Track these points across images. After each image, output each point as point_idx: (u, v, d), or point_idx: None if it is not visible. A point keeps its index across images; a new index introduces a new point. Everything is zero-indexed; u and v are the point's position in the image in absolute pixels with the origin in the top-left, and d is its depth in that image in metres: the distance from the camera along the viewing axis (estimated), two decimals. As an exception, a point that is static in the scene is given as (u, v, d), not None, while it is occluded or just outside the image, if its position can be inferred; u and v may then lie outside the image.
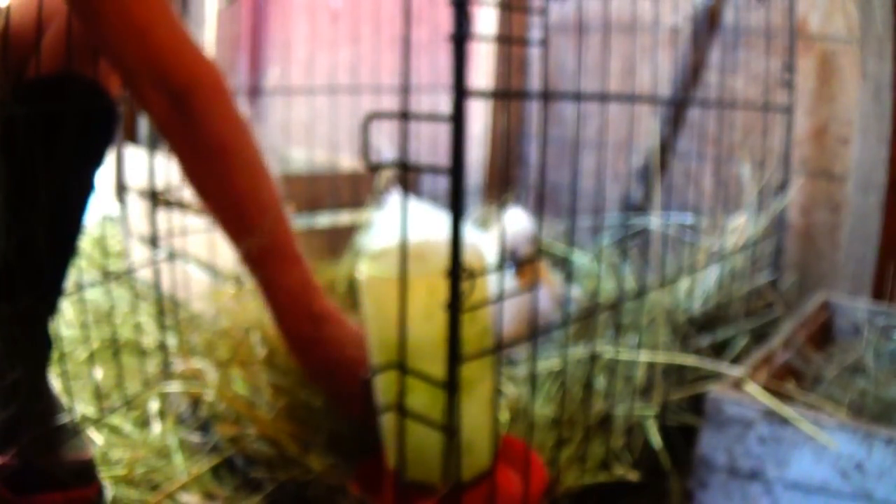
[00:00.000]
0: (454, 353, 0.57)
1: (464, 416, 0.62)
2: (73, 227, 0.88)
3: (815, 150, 1.38)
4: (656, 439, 0.89)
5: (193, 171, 0.82)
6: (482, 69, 1.88)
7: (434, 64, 1.97)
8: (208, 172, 0.81)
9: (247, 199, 0.81)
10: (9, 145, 0.78)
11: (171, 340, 1.19)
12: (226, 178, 0.80)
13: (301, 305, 0.83)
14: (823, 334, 1.10)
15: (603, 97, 0.77)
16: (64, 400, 0.89)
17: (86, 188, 0.88)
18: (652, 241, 1.26)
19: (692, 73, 1.48)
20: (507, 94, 0.79)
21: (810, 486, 0.72)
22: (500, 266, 0.67)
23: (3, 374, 0.81)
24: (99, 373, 1.14)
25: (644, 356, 0.96)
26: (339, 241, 1.50)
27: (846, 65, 1.32)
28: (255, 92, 2.47)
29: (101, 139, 0.88)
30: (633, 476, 0.86)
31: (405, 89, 0.58)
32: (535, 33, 1.78)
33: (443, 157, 0.56)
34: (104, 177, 2.15)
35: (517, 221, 1.13)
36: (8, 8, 0.82)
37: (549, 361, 1.02)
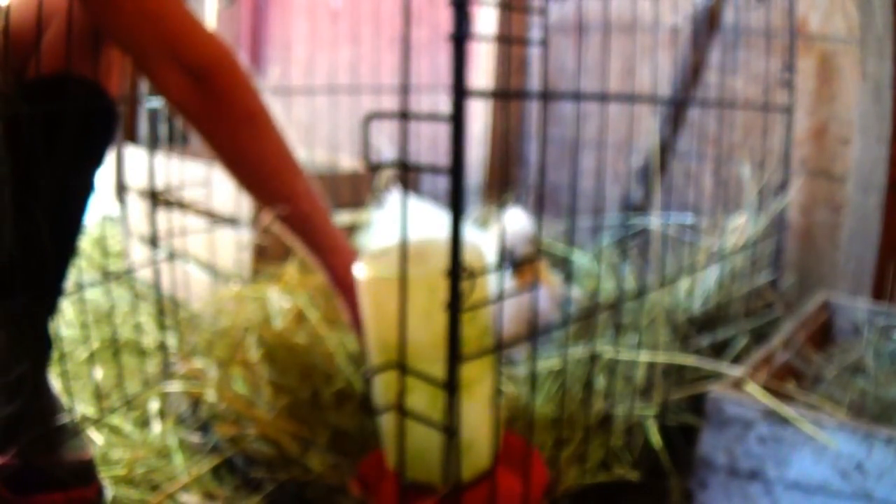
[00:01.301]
0: (454, 353, 0.57)
1: (464, 416, 0.62)
2: (73, 226, 0.88)
3: (815, 150, 1.38)
4: (656, 439, 0.89)
5: (223, 143, 0.86)
6: (482, 69, 1.88)
7: (434, 64, 1.97)
8: (238, 141, 0.85)
9: (279, 159, 0.87)
10: (9, 145, 0.78)
11: (171, 340, 1.19)
12: (257, 143, 0.85)
13: (347, 243, 0.90)
14: (823, 334, 1.10)
15: (603, 97, 0.77)
16: (64, 400, 0.89)
17: (86, 188, 0.88)
18: (652, 241, 1.26)
19: (692, 73, 1.48)
20: (507, 94, 0.79)
21: (810, 486, 0.72)
22: (500, 266, 0.67)
23: (4, 373, 0.81)
24: (99, 373, 1.14)
25: (644, 356, 0.96)
26: (339, 241, 1.50)
27: (846, 65, 1.32)
28: (255, 92, 2.46)
29: (101, 139, 0.88)
30: (632, 476, 0.86)
31: (405, 89, 0.58)
32: (535, 33, 1.78)
33: (443, 157, 0.56)
34: (104, 177, 2.15)
35: (517, 222, 1.13)
36: (8, 7, 0.82)
37: (549, 361, 1.02)
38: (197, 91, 0.81)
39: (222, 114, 0.83)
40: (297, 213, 0.88)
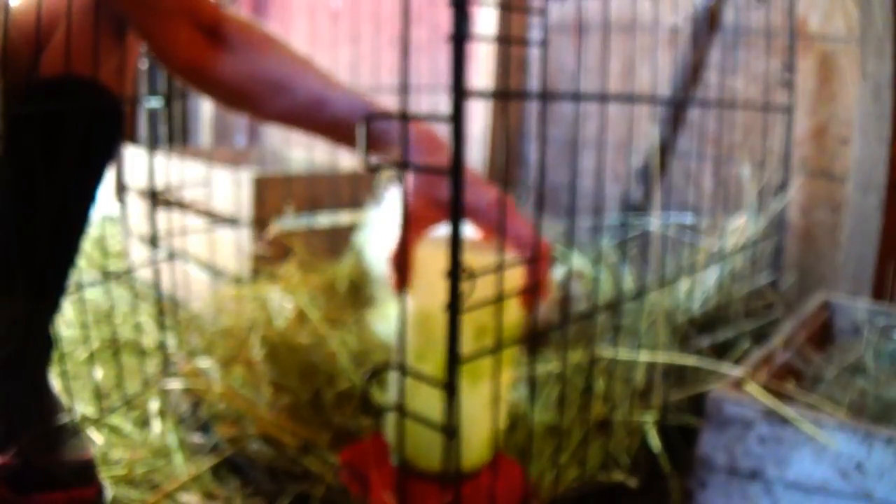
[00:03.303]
0: (453, 354, 0.57)
1: (477, 399, 0.62)
2: (77, 226, 0.88)
3: (815, 150, 1.38)
4: (656, 441, 0.89)
5: (247, 87, 0.80)
6: (482, 69, 1.88)
7: (434, 64, 1.97)
8: (280, 80, 0.79)
9: (310, 72, 0.80)
10: (14, 146, 0.78)
11: (171, 340, 1.19)
12: (301, 74, 0.80)
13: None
14: (823, 334, 1.10)
15: (602, 97, 0.77)
16: (64, 400, 0.89)
17: (90, 189, 0.88)
18: (652, 241, 1.26)
19: (692, 73, 1.48)
20: (507, 95, 0.79)
21: (810, 486, 0.72)
22: (500, 267, 0.67)
23: (5, 373, 0.81)
24: (99, 373, 1.14)
25: (644, 357, 0.96)
26: (339, 241, 1.50)
27: (846, 65, 1.32)
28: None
29: (106, 141, 0.88)
30: (632, 483, 0.86)
31: (405, 89, 0.58)
32: (535, 33, 1.78)
33: (443, 158, 0.56)
34: (104, 177, 2.15)
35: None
36: (10, 9, 0.81)
37: (548, 364, 1.02)
38: (210, 44, 0.79)
39: (240, 56, 0.80)
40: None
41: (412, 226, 0.69)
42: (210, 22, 0.80)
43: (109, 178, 2.08)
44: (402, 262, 0.69)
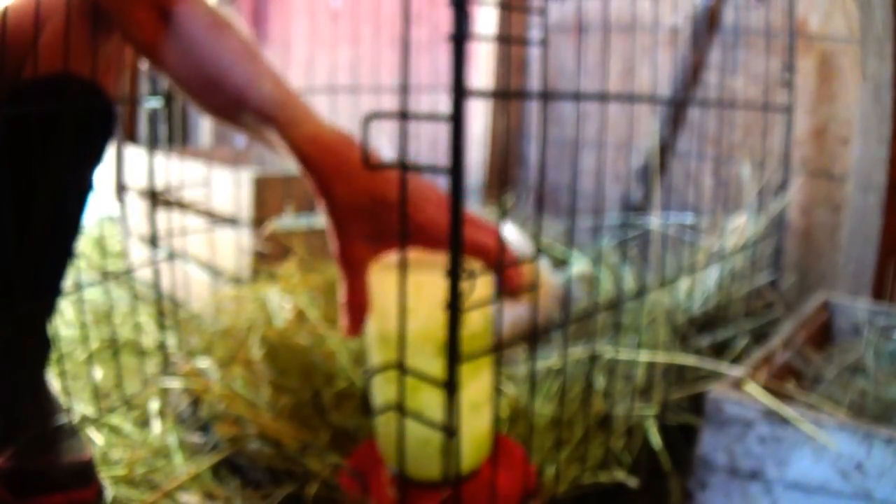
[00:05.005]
0: (453, 353, 0.57)
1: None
2: (71, 226, 0.88)
3: (815, 150, 1.38)
4: (656, 440, 0.89)
5: (200, 68, 0.76)
6: (482, 69, 1.88)
7: (434, 64, 1.97)
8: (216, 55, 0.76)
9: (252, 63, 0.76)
10: (6, 146, 0.78)
11: (171, 340, 1.19)
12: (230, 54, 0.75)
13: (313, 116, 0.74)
14: (823, 334, 1.10)
15: (602, 97, 0.77)
16: (63, 400, 0.89)
17: (84, 188, 0.88)
18: (652, 241, 1.26)
19: (692, 73, 1.48)
20: (507, 94, 0.79)
21: (810, 486, 0.72)
22: (499, 268, 0.67)
23: (2, 374, 0.81)
24: (98, 373, 1.14)
25: (644, 356, 0.96)
26: (339, 241, 1.50)
27: (846, 65, 1.32)
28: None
29: (99, 139, 0.87)
30: (632, 482, 0.86)
31: (405, 89, 0.58)
32: (535, 33, 1.78)
33: (443, 157, 0.56)
34: (104, 177, 2.15)
35: (510, 239, 1.13)
36: (5, 9, 0.81)
37: (548, 361, 1.02)
38: (162, 27, 0.76)
39: (182, 46, 0.76)
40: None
41: (354, 271, 0.69)
42: (164, 2, 0.76)
43: (109, 177, 2.09)
44: (355, 307, 0.69)
